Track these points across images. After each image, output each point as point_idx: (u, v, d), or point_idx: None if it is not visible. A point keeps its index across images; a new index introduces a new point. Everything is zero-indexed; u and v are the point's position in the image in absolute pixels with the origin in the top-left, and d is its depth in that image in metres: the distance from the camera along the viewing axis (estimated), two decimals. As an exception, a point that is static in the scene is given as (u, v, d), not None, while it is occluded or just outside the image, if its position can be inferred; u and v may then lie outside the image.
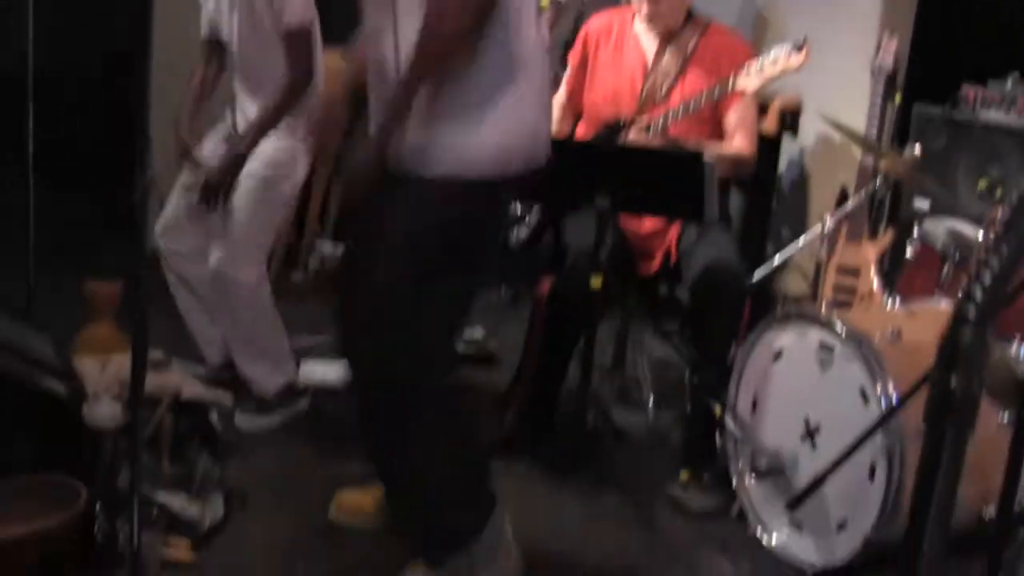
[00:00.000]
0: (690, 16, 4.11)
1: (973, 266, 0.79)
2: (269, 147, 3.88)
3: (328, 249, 5.74)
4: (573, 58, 4.27)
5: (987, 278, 0.78)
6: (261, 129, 3.84)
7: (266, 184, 3.90)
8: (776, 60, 3.74)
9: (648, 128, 3.93)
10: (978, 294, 0.78)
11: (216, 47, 4.05)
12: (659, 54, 4.09)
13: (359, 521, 3.37)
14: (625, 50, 4.14)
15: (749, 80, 3.78)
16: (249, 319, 3.97)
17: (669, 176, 3.64)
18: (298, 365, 4.17)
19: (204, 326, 4.23)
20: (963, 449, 0.81)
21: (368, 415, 2.92)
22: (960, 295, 0.79)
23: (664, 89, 4.03)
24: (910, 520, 0.81)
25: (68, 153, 5.57)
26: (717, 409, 3.45)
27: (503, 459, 3.86)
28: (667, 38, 4.09)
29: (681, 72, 4.04)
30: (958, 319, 0.79)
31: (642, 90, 4.06)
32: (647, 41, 4.13)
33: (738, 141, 4.03)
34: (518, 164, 2.82)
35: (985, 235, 3.69)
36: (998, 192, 4.72)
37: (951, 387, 0.80)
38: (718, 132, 4.07)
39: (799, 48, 3.71)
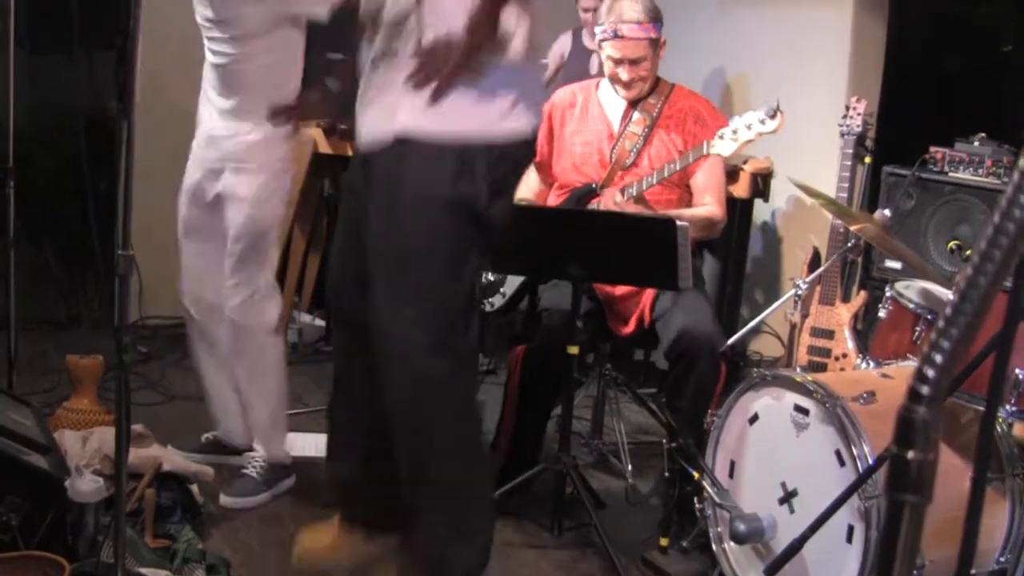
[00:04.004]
0: (656, 81, 4.19)
1: (926, 347, 0.83)
2: (252, 187, 3.89)
3: (306, 320, 5.78)
4: (540, 131, 4.31)
5: (939, 358, 0.83)
6: None
7: (256, 223, 3.92)
8: (751, 126, 3.81)
9: (622, 192, 3.99)
10: (931, 373, 0.83)
11: None
12: (625, 119, 4.16)
13: (320, 554, 3.37)
14: (591, 119, 4.22)
15: (723, 145, 3.85)
16: (268, 369, 4.00)
17: (642, 242, 3.69)
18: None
19: (223, 392, 4.22)
20: (921, 520, 0.85)
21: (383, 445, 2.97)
22: (914, 374, 0.84)
23: (632, 154, 4.09)
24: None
25: (49, 224, 5.60)
26: (695, 474, 3.47)
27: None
28: (633, 104, 4.16)
29: (648, 136, 4.11)
30: (912, 397, 0.84)
31: (610, 156, 4.12)
32: (612, 108, 4.21)
33: (708, 202, 4.09)
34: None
35: (936, 317, 3.75)
36: (967, 252, 4.79)
37: (908, 461, 0.84)
38: (687, 196, 4.13)
39: (772, 115, 3.78)
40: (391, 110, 2.82)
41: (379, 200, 2.86)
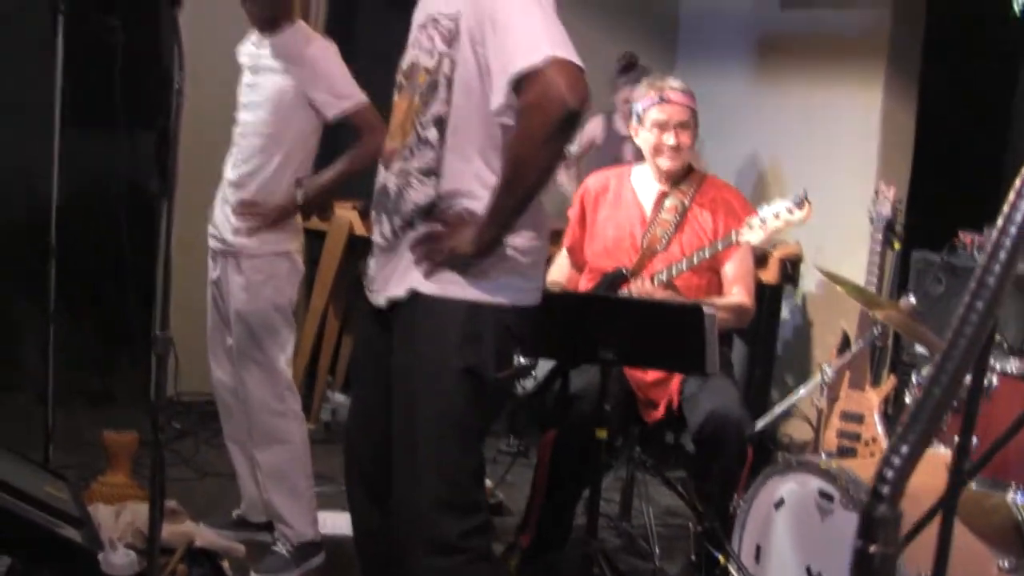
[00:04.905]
0: (689, 169, 4.24)
1: (886, 450, 0.90)
2: (244, 270, 3.99)
3: (340, 400, 5.82)
4: (572, 215, 4.40)
5: (897, 461, 0.88)
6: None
7: (250, 306, 3.99)
8: (778, 215, 3.84)
9: (653, 279, 4.02)
10: (890, 474, 0.88)
11: None
12: (657, 206, 4.21)
13: None
14: (623, 204, 4.27)
15: (752, 234, 3.88)
16: (285, 455, 4.05)
17: (670, 328, 3.73)
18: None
19: (242, 470, 4.29)
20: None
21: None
22: (875, 474, 0.90)
23: (664, 240, 4.14)
24: None
25: (87, 299, 5.69)
26: (722, 558, 3.49)
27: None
28: (665, 191, 4.22)
29: (680, 223, 4.15)
30: (874, 495, 0.89)
31: (642, 242, 4.16)
32: (645, 194, 4.25)
33: (737, 292, 4.12)
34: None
35: (896, 426, 3.75)
36: (995, 337, 4.79)
37: (871, 555, 0.90)
38: (716, 282, 4.17)
39: (800, 204, 3.82)
40: (405, 270, 2.77)
41: (397, 358, 2.81)
